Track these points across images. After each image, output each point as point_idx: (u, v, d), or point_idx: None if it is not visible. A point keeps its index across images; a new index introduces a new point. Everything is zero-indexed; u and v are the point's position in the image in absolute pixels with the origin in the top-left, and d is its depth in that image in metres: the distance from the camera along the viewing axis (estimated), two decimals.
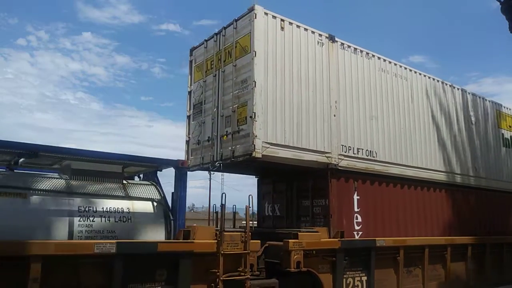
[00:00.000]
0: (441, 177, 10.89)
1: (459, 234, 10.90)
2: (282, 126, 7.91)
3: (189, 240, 6.26)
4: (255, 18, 7.84)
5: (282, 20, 8.27)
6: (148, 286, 5.98)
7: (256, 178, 10.44)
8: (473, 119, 12.22)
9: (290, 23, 8.40)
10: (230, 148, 8.05)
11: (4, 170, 6.19)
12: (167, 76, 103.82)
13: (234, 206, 8.17)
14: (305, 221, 9.05)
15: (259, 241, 7.06)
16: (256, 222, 10.33)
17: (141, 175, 7.62)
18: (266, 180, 10.13)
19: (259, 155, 7.47)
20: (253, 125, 7.51)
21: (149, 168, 7.19)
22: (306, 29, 8.63)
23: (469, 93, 12.30)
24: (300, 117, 8.22)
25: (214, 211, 8.11)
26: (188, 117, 9.62)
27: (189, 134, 9.52)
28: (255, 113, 7.53)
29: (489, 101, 13.00)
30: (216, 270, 6.41)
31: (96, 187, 6.29)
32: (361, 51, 9.60)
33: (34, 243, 5.10)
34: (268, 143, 7.65)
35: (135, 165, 7.02)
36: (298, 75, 8.33)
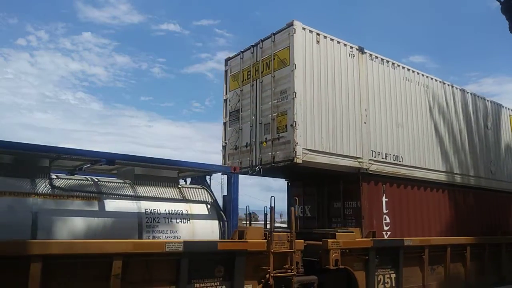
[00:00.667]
0: (459, 179, 11.49)
1: (478, 234, 11.51)
2: (319, 134, 8.49)
3: (243, 240, 6.84)
4: (294, 33, 8.42)
5: (317, 34, 8.85)
6: (208, 281, 6.54)
7: (286, 181, 11.02)
8: (489, 124, 12.82)
9: (325, 37, 8.98)
10: (270, 153, 8.62)
11: (65, 175, 6.72)
12: (167, 76, 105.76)
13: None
14: (336, 222, 9.63)
15: (302, 240, 7.63)
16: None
17: (188, 179, 8.19)
18: (296, 183, 10.69)
19: (300, 161, 8.05)
20: (294, 133, 8.08)
21: (200, 173, 7.75)
22: (338, 42, 9.22)
23: (487, 100, 12.93)
24: (334, 124, 8.80)
25: (248, 212, 8.74)
26: (224, 123, 10.17)
27: (225, 139, 10.08)
28: (295, 121, 8.11)
29: (505, 108, 13.61)
30: (267, 267, 6.98)
31: (158, 191, 6.86)
32: (388, 61, 10.19)
33: (116, 243, 5.68)
34: (308, 149, 8.23)
35: (189, 171, 7.59)
36: (333, 85, 8.91)
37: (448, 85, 11.82)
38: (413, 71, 10.78)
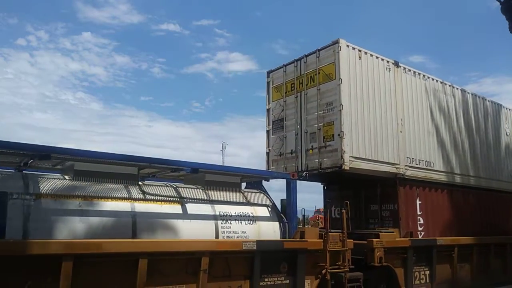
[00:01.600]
0: (484, 183, 12.29)
1: (501, 233, 12.31)
2: (362, 142, 9.27)
3: (304, 240, 7.62)
4: (340, 50, 9.20)
5: (359, 50, 9.63)
6: (275, 276, 7.32)
7: (322, 185, 11.79)
8: (507, 130, 13.62)
9: (365, 53, 9.77)
10: (316, 160, 9.40)
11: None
12: (167, 76, 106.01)
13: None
14: (373, 223, 10.40)
15: (352, 240, 8.40)
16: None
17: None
18: (332, 187, 11.45)
19: (348, 168, 8.84)
20: (342, 142, 8.87)
21: (259, 178, 8.53)
22: (377, 57, 10.00)
23: (508, 108, 13.76)
24: (375, 133, 9.58)
25: (302, 214, 9.51)
26: (267, 131, 10.95)
27: (269, 146, 10.86)
28: (343, 131, 8.89)
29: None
30: (324, 264, 7.77)
31: (226, 195, 7.64)
32: (419, 74, 10.98)
33: (203, 242, 6.47)
34: (353, 157, 9.01)
35: (251, 177, 8.37)
36: (373, 97, 9.70)
37: (471, 94, 12.61)
38: (441, 82, 11.57)
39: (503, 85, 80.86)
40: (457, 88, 12.13)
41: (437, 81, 11.47)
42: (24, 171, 6.46)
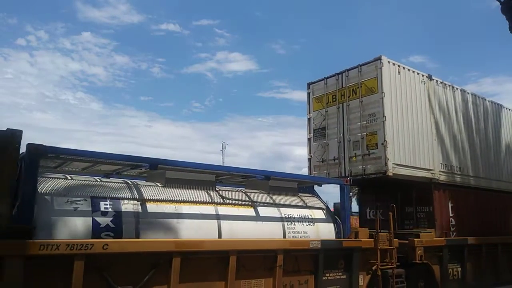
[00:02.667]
0: (502, 185, 13.18)
1: None
2: (403, 150, 10.15)
3: (358, 239, 8.49)
4: (382, 66, 10.07)
5: (398, 65, 10.51)
6: (334, 272, 8.20)
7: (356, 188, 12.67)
8: None
9: (403, 68, 10.64)
10: (360, 167, 10.27)
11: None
12: (166, 76, 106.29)
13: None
14: (409, 224, 11.26)
15: (397, 239, 9.27)
16: None
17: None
18: (367, 190, 12.33)
19: (391, 174, 9.71)
20: (385, 150, 9.74)
21: (313, 184, 9.39)
22: (413, 71, 10.88)
23: None
24: (413, 142, 10.46)
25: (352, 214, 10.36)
26: (309, 139, 11.84)
27: (310, 153, 11.73)
28: (386, 141, 9.77)
29: None
30: (375, 261, 8.64)
31: (288, 199, 8.50)
32: (449, 85, 11.87)
33: (280, 241, 7.35)
34: (395, 164, 9.89)
35: (306, 183, 9.23)
36: (410, 108, 10.58)
37: (493, 103, 13.51)
38: (468, 92, 12.47)
39: (503, 85, 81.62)
40: (483, 98, 13.02)
41: (464, 91, 12.34)
42: (112, 178, 7.34)
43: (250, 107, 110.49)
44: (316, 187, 9.38)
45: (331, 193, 11.03)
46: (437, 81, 11.50)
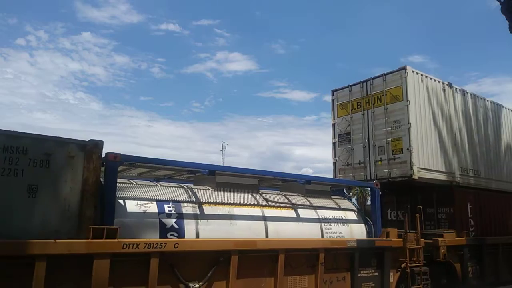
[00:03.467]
0: None
1: None
2: (426, 154, 10.74)
3: (389, 239, 9.09)
4: (407, 75, 10.67)
5: (421, 74, 11.11)
6: (368, 269, 8.78)
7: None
8: None
9: (426, 76, 11.24)
10: (386, 170, 10.87)
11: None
12: (166, 76, 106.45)
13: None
14: (430, 224, 11.84)
15: (423, 239, 9.86)
16: None
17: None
18: (388, 192, 12.91)
19: (416, 177, 10.30)
20: (411, 155, 10.34)
21: (343, 187, 9.99)
22: (435, 80, 11.48)
23: None
24: (436, 146, 11.06)
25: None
26: (334, 143, 12.43)
27: (335, 157, 12.33)
28: (412, 146, 10.36)
29: None
30: (404, 259, 9.24)
31: (323, 202, 9.09)
32: (467, 93, 12.48)
33: (321, 241, 7.95)
34: (420, 168, 10.48)
35: (340, 186, 9.82)
36: (432, 114, 11.18)
37: (507, 109, 14.11)
38: (483, 99, 13.08)
39: (503, 85, 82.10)
40: (498, 105, 13.63)
41: (481, 98, 12.95)
42: (166, 183, 7.93)
43: (250, 107, 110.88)
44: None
45: None
46: (456, 88, 12.10)
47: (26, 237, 5.10)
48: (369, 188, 10.10)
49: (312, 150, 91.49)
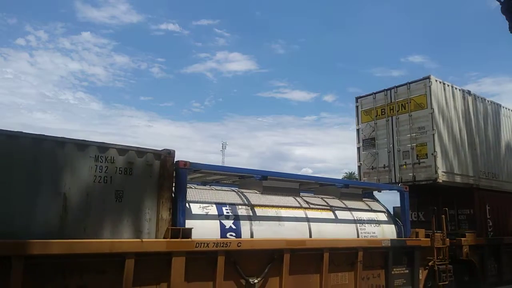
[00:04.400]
0: None
1: None
2: (449, 159, 11.40)
3: (418, 238, 9.74)
4: (431, 84, 11.32)
5: (443, 83, 11.76)
6: (399, 267, 9.42)
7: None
8: None
9: (448, 85, 11.89)
10: (410, 174, 11.52)
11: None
12: (166, 76, 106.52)
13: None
14: (450, 225, 12.49)
15: (449, 239, 10.50)
16: None
17: None
18: (410, 194, 13.52)
19: (441, 181, 10.95)
20: (435, 159, 10.98)
21: (373, 190, 10.63)
22: (456, 88, 12.13)
23: None
24: (457, 151, 11.72)
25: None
26: (358, 148, 13.08)
27: (360, 160, 12.98)
28: (436, 151, 11.01)
29: None
30: (432, 258, 9.89)
31: (356, 204, 9.73)
32: (486, 100, 13.13)
33: (361, 240, 8.59)
34: (444, 171, 11.13)
35: (371, 189, 10.47)
36: (454, 120, 11.83)
37: None
38: (503, 107, 13.73)
39: (503, 85, 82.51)
40: (511, 110, 14.30)
41: (498, 105, 13.61)
42: (218, 187, 8.57)
43: (250, 107, 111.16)
44: None
45: None
46: (474, 95, 12.75)
47: (116, 237, 5.75)
48: None
49: (312, 150, 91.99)
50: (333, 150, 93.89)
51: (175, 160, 6.61)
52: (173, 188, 6.61)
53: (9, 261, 4.89)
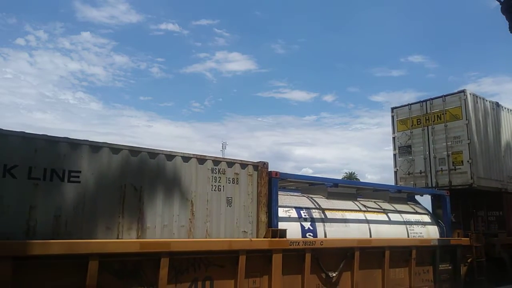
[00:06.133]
0: None
1: None
2: (482, 165, 12.49)
3: (460, 238, 10.84)
4: (466, 97, 12.42)
5: (476, 96, 12.86)
6: (444, 264, 10.52)
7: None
8: None
9: (480, 98, 12.99)
10: (446, 179, 12.61)
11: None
12: (166, 76, 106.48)
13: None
14: (481, 225, 13.60)
15: (484, 238, 11.59)
16: None
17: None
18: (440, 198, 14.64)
19: (476, 186, 12.05)
20: (471, 166, 12.08)
21: (416, 194, 11.73)
22: (486, 100, 13.24)
23: None
24: (489, 158, 12.81)
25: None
26: (394, 155, 14.17)
27: (396, 166, 14.07)
28: (471, 159, 12.11)
29: None
30: (470, 255, 10.99)
31: (404, 207, 10.82)
32: (510, 110, 14.24)
33: (414, 240, 9.69)
34: (478, 177, 12.23)
35: (414, 193, 11.56)
36: (485, 130, 12.92)
37: None
38: None
39: (503, 85, 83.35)
40: None
41: None
42: (291, 192, 9.65)
43: (249, 107, 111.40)
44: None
45: None
46: (503, 107, 13.86)
47: (229, 237, 6.85)
48: None
49: (312, 150, 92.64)
50: (333, 150, 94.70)
51: (269, 170, 7.69)
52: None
53: (158, 258, 5.97)
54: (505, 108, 14.01)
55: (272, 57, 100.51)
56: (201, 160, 6.83)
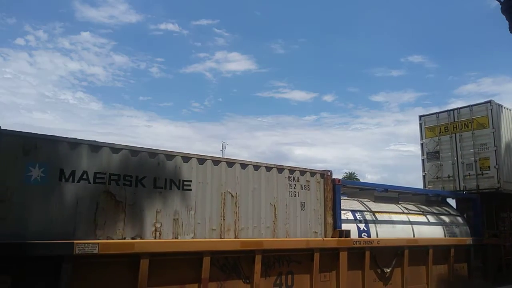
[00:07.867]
0: None
1: None
2: (507, 169, 13.46)
3: (490, 237, 11.81)
4: (492, 108, 13.39)
5: (501, 106, 13.84)
6: (476, 261, 11.50)
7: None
8: None
9: (504, 107, 13.97)
10: (474, 183, 13.59)
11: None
12: (165, 76, 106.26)
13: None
14: (503, 226, 14.57)
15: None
16: None
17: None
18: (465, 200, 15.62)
19: (503, 189, 13.03)
20: (497, 171, 13.05)
21: (449, 197, 12.71)
22: (508, 109, 14.22)
23: None
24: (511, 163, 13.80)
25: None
26: (423, 160, 15.14)
27: (424, 171, 15.05)
28: (498, 165, 13.09)
29: None
30: (499, 253, 11.96)
31: (438, 209, 11.80)
32: None
33: (451, 239, 10.66)
34: (504, 181, 13.21)
35: (447, 196, 12.55)
36: (509, 137, 13.90)
37: None
38: None
39: (503, 85, 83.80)
40: None
41: None
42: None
43: (249, 107, 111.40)
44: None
45: None
46: None
47: (304, 237, 7.83)
48: None
49: (312, 150, 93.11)
50: (333, 150, 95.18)
51: (333, 178, 8.68)
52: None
53: (253, 255, 6.95)
54: None
55: (272, 57, 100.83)
56: (280, 169, 7.81)
